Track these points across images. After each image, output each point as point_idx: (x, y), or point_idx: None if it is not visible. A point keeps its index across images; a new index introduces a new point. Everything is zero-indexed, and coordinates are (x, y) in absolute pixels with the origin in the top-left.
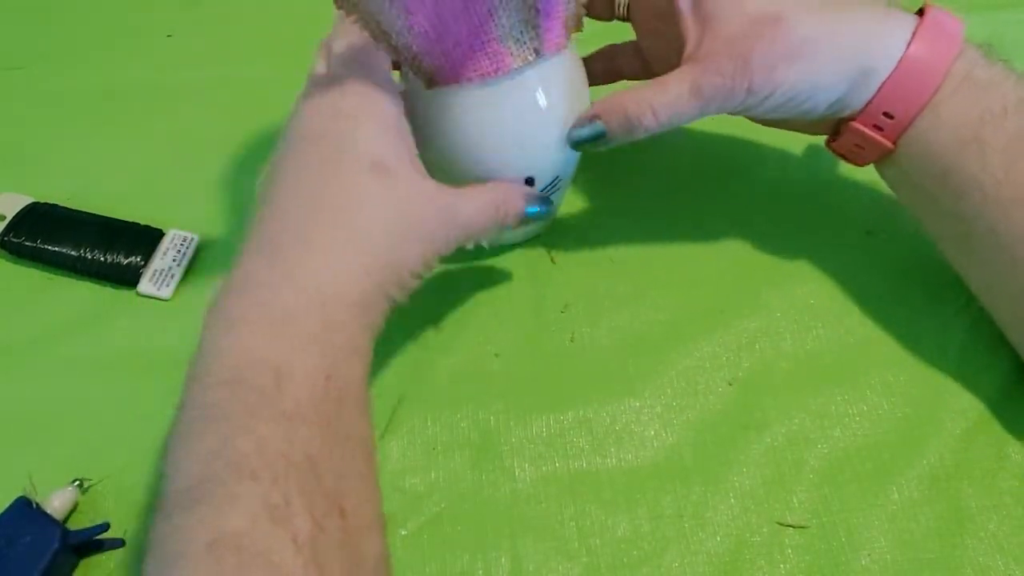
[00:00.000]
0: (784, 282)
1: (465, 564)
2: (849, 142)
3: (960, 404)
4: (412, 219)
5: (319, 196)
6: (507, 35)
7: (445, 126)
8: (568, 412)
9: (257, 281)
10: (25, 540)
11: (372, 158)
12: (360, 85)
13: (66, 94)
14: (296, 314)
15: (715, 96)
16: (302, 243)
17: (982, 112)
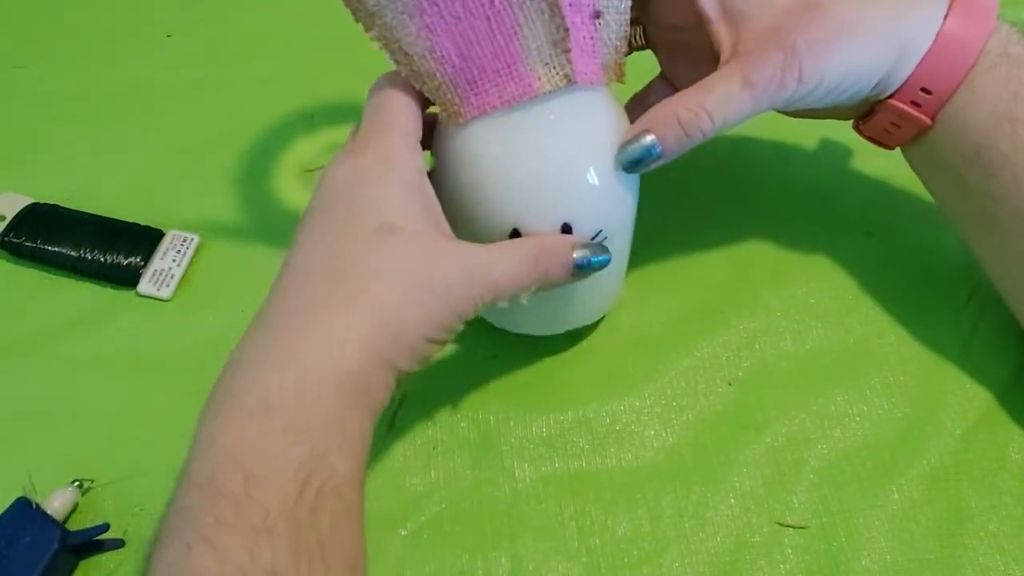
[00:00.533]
0: (784, 282)
1: (465, 564)
2: (884, 121)
3: (960, 404)
4: (423, 280)
5: (322, 266)
6: (534, 57)
7: (472, 164)
8: (568, 412)
9: (244, 363)
10: (25, 540)
11: (380, 219)
12: (379, 144)
13: (66, 94)
14: (275, 404)
15: (767, 88)
16: (296, 317)
17: (1018, 88)
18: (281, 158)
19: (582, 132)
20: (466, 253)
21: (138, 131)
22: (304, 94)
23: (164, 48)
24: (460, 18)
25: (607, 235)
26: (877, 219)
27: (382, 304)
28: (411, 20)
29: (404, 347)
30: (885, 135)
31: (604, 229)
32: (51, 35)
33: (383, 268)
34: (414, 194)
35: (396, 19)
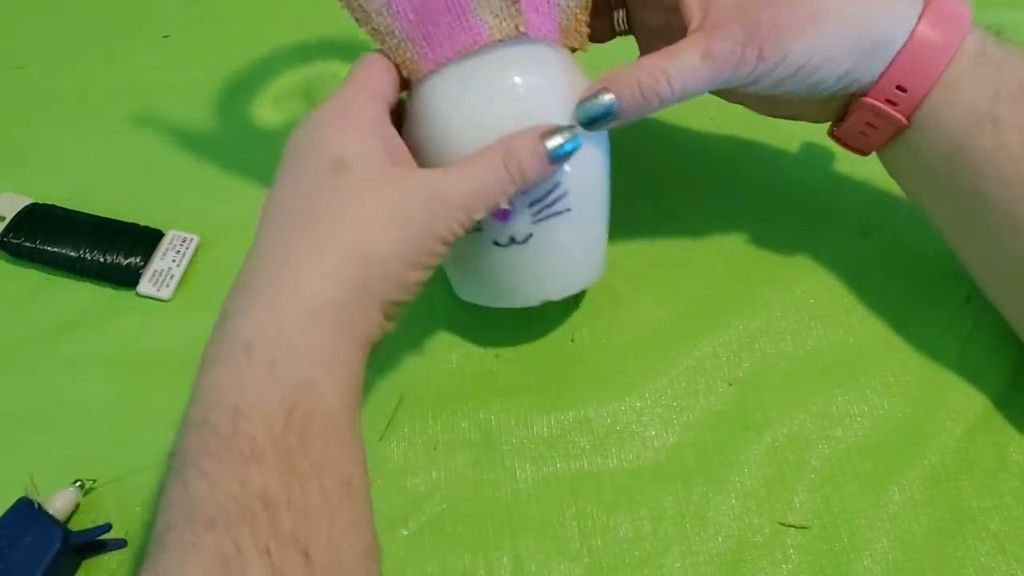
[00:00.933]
0: (784, 282)
1: (466, 564)
2: (859, 121)
3: (960, 404)
4: (382, 208)
5: (285, 211)
6: (483, 7)
7: (431, 119)
8: (569, 412)
9: (227, 314)
10: (27, 541)
11: (332, 157)
12: (337, 97)
13: (66, 94)
14: (256, 345)
15: (727, 61)
16: (268, 263)
17: (998, 88)
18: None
19: (536, 85)
20: (425, 176)
21: (138, 131)
22: (304, 94)
23: (163, 48)
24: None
25: (567, 190)
26: (875, 219)
27: (345, 237)
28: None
29: (378, 275)
30: (860, 137)
31: (562, 182)
32: (51, 35)
33: (339, 203)
34: (364, 132)
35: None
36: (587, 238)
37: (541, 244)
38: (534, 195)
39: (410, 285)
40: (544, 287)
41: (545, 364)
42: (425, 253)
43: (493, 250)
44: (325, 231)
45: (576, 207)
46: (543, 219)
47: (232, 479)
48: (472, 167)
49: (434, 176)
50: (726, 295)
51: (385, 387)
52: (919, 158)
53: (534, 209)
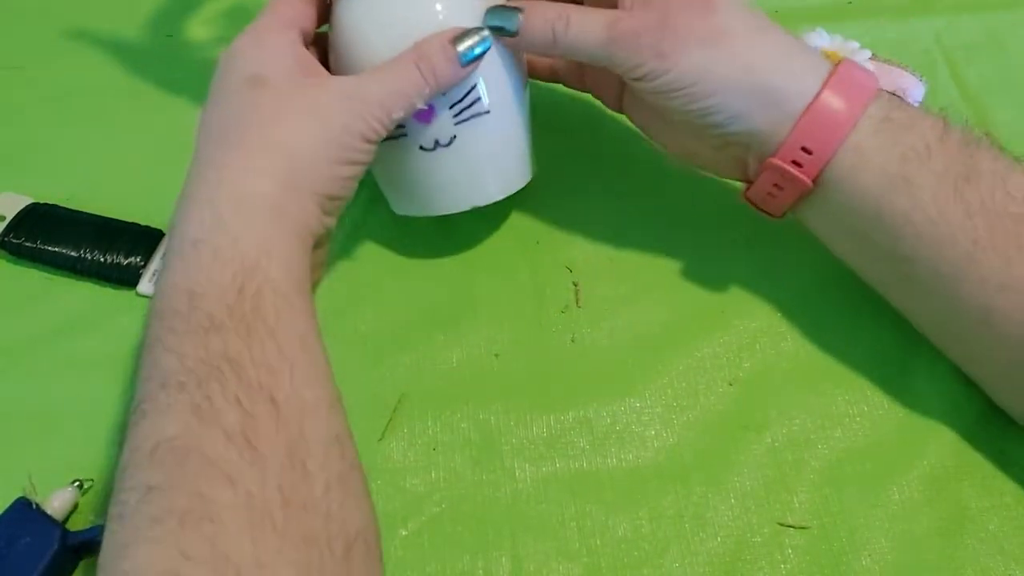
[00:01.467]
0: (784, 282)
1: (466, 564)
2: (767, 183)
3: (961, 404)
4: (300, 110)
5: (214, 129)
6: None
7: (350, 32)
8: (568, 412)
9: (171, 225)
10: (25, 541)
11: (248, 73)
12: (253, 24)
13: (66, 94)
14: (200, 238)
15: (624, 40)
16: (202, 170)
17: (905, 150)
18: None
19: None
20: (340, 81)
21: (138, 131)
22: None
23: (165, 48)
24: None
25: (482, 93)
26: None
27: (269, 137)
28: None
29: (305, 168)
30: (769, 199)
31: (478, 85)
32: (51, 35)
33: (259, 112)
34: (279, 52)
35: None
36: (510, 140)
37: (465, 146)
38: (453, 97)
39: (341, 180)
40: (474, 191)
41: (545, 364)
42: (349, 148)
43: (420, 155)
44: (250, 135)
45: (495, 109)
46: (464, 120)
47: (197, 347)
48: (386, 71)
49: (348, 80)
50: (726, 295)
51: (385, 387)
52: (843, 221)
53: (454, 111)
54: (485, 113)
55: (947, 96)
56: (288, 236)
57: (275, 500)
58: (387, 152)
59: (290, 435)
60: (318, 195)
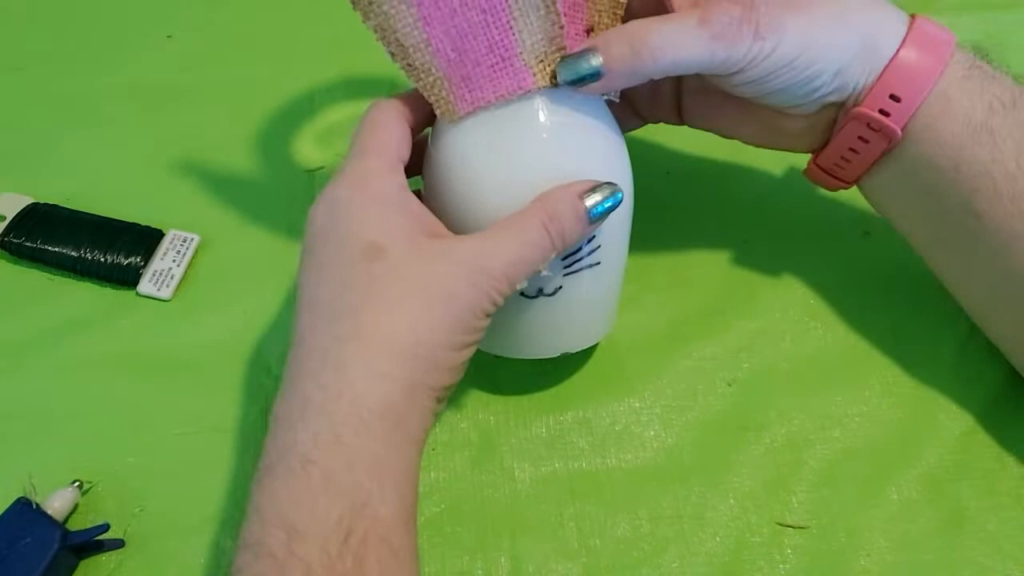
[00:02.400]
0: (783, 283)
1: (465, 564)
2: (851, 136)
3: (958, 405)
4: (423, 291)
5: (326, 306)
6: (528, 52)
7: (465, 163)
8: (568, 412)
9: (280, 420)
10: (25, 541)
11: (364, 242)
12: (353, 169)
13: (66, 94)
14: (312, 458)
15: (724, 33)
16: (312, 363)
17: (991, 100)
18: (281, 158)
19: (574, 134)
20: (464, 250)
21: (138, 131)
22: (305, 94)
23: (164, 49)
24: (456, 11)
25: (599, 244)
26: (876, 220)
27: (390, 329)
28: (408, 10)
29: (427, 364)
30: (850, 157)
31: (597, 236)
32: (51, 36)
33: (380, 291)
34: (393, 208)
35: (393, 8)
36: (611, 289)
37: (569, 297)
38: (569, 249)
39: (458, 367)
40: (565, 339)
41: (545, 365)
42: (471, 331)
43: (520, 302)
44: (369, 324)
45: (605, 259)
46: (574, 272)
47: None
48: (514, 233)
49: (475, 247)
50: (726, 295)
51: None
52: (911, 178)
53: (567, 263)
54: (596, 264)
55: None
56: (406, 448)
57: None
58: None
59: None
60: (436, 390)
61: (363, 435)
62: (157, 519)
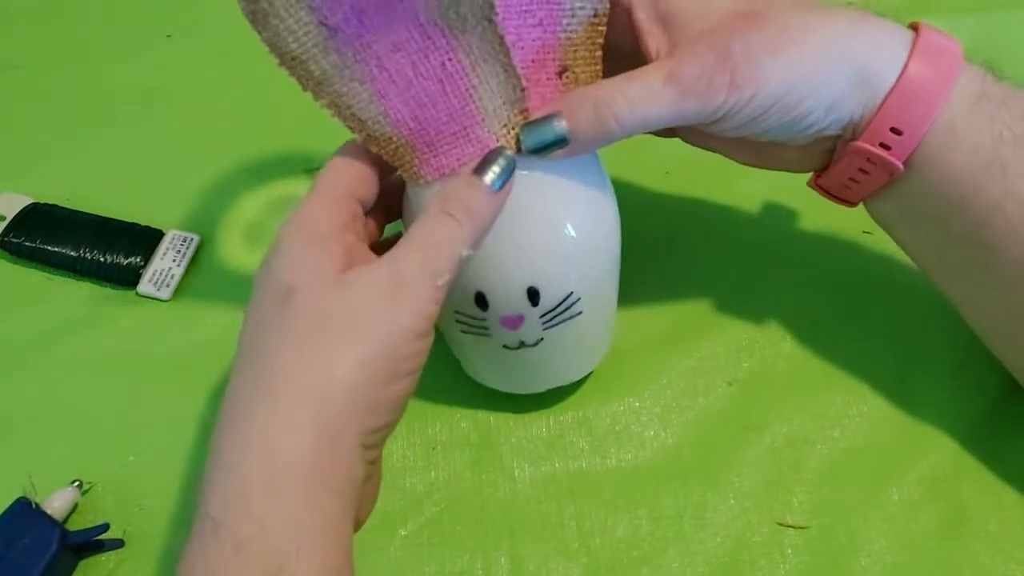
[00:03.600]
0: (784, 282)
1: (465, 564)
2: (851, 168)
3: (960, 405)
4: (338, 325)
5: (243, 355)
6: (490, 118)
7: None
8: (568, 412)
9: (203, 480)
10: (24, 541)
11: (280, 285)
12: (296, 214)
13: (66, 94)
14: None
15: (694, 87)
16: (230, 423)
17: (1001, 130)
18: (282, 158)
19: (546, 193)
20: (374, 270)
21: (138, 131)
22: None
23: (164, 48)
24: (412, 82)
25: (579, 296)
26: None
27: (298, 374)
28: (361, 87)
29: (344, 408)
30: (851, 185)
31: (575, 291)
32: (51, 35)
33: (290, 333)
34: (315, 247)
35: (346, 86)
36: (599, 330)
37: (552, 345)
38: (545, 307)
39: (388, 403)
40: (555, 377)
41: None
42: (397, 358)
43: (503, 352)
44: (278, 370)
45: (588, 308)
46: (554, 326)
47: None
48: (416, 230)
49: (383, 263)
50: (725, 296)
51: None
52: (920, 206)
53: (545, 319)
54: (578, 315)
55: None
56: (326, 504)
57: None
58: (464, 339)
59: None
60: (361, 435)
61: (273, 495)
62: (157, 519)
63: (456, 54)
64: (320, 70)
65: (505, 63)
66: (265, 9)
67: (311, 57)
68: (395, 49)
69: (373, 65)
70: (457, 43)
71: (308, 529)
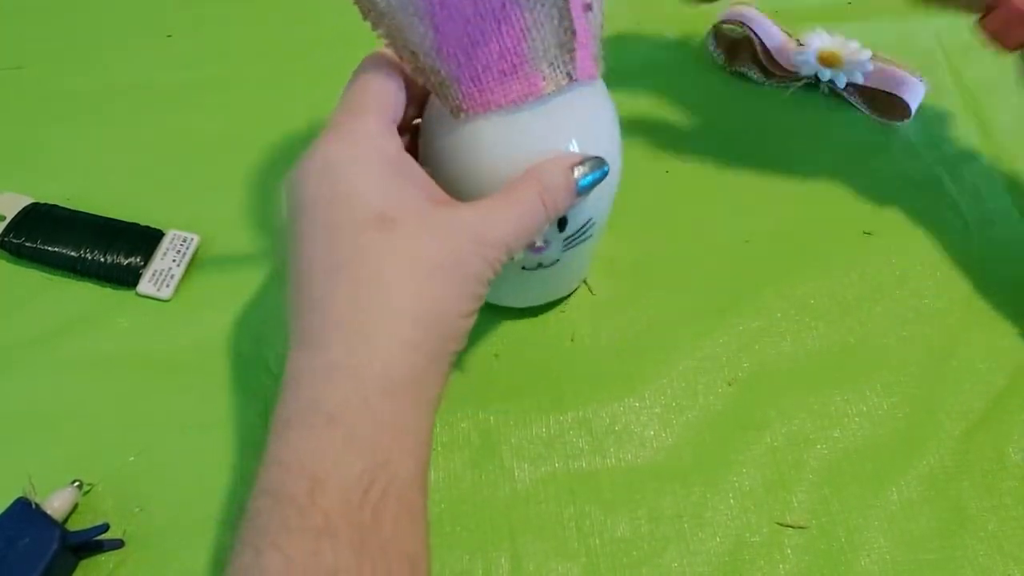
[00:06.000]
0: (784, 282)
1: (465, 564)
2: None
3: (960, 404)
4: (439, 262)
5: (337, 271)
6: (540, 58)
7: (475, 156)
8: (568, 412)
9: (300, 379)
10: (24, 541)
11: (373, 211)
12: (350, 130)
13: (66, 94)
14: (338, 414)
15: None
16: (335, 328)
17: None
18: (281, 157)
19: (578, 128)
20: (470, 219)
21: (138, 131)
22: (304, 93)
23: (164, 48)
24: (469, 20)
25: (595, 221)
26: (875, 219)
27: (409, 301)
28: (420, 22)
29: (444, 333)
30: None
31: (592, 216)
32: (51, 35)
33: (397, 262)
34: (397, 177)
35: (406, 19)
36: (594, 249)
37: (563, 265)
38: (569, 230)
39: (465, 334)
40: (554, 292)
41: (545, 364)
42: (477, 299)
43: (520, 272)
44: (392, 294)
45: (597, 231)
46: (572, 247)
47: (307, 554)
48: (513, 205)
49: (478, 217)
50: (726, 295)
51: None
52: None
53: (566, 243)
54: (589, 237)
55: (947, 96)
56: (425, 412)
57: None
58: None
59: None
60: (448, 354)
61: (389, 400)
62: (157, 519)
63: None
64: (385, 3)
65: (561, 7)
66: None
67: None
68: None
69: (436, 2)
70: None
71: (411, 433)
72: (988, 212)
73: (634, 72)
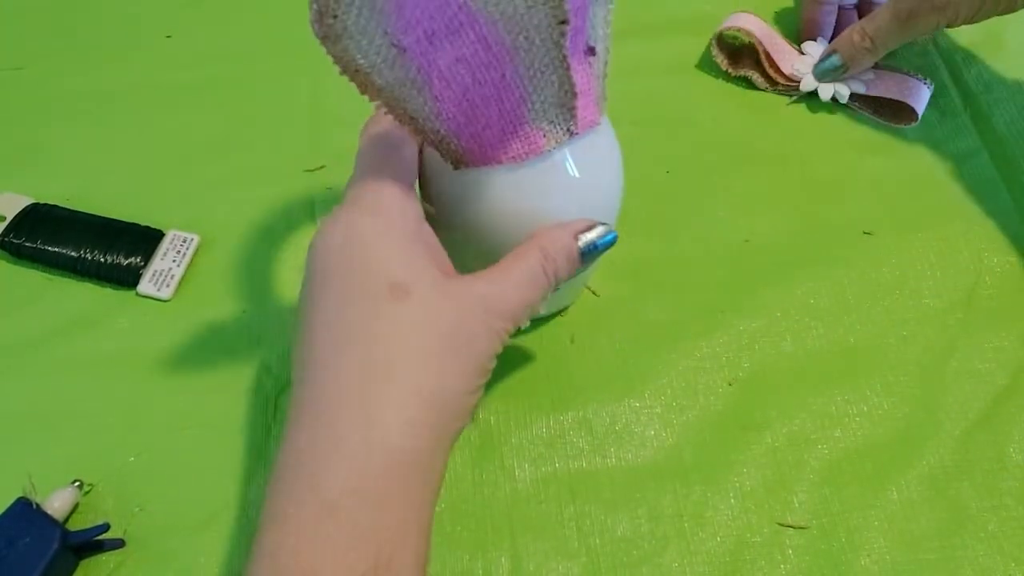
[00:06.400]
0: (784, 282)
1: (465, 564)
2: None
3: (960, 404)
4: (450, 337)
5: (346, 342)
6: (540, 117)
7: (474, 208)
8: (568, 412)
9: (300, 455)
10: (25, 541)
11: (388, 281)
12: (372, 196)
13: (66, 94)
14: (338, 506)
15: None
16: (334, 404)
17: None
18: (281, 158)
19: (579, 176)
20: (479, 290)
21: (138, 131)
22: (305, 94)
23: (164, 48)
24: (468, 89)
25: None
26: (877, 219)
27: (418, 376)
28: (419, 94)
29: (451, 411)
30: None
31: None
32: (51, 35)
33: (407, 336)
34: (416, 245)
35: (405, 93)
36: None
37: (556, 295)
38: None
39: (471, 411)
40: (557, 305)
41: (545, 364)
42: (485, 374)
43: None
44: (401, 369)
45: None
46: None
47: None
48: (517, 276)
49: (486, 289)
50: (726, 295)
51: None
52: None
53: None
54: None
55: (947, 97)
56: (428, 498)
57: None
58: None
59: None
60: (454, 433)
61: (392, 488)
62: (157, 519)
63: (518, 68)
64: (383, 81)
65: (562, 75)
66: (339, 31)
67: (376, 71)
68: (457, 61)
69: (434, 76)
70: (520, 59)
71: (415, 520)
72: (988, 211)
73: (634, 72)
